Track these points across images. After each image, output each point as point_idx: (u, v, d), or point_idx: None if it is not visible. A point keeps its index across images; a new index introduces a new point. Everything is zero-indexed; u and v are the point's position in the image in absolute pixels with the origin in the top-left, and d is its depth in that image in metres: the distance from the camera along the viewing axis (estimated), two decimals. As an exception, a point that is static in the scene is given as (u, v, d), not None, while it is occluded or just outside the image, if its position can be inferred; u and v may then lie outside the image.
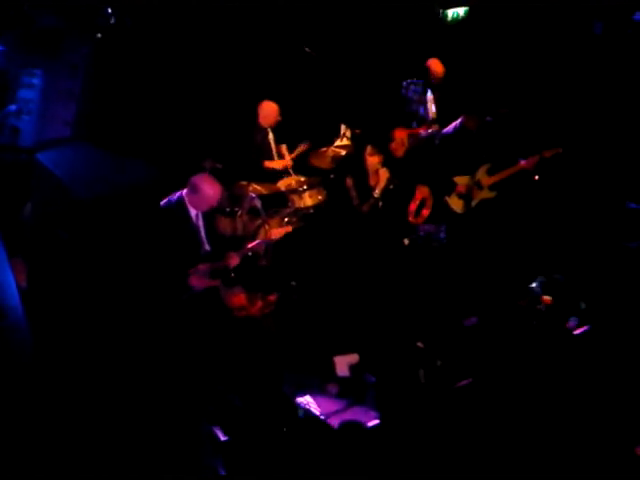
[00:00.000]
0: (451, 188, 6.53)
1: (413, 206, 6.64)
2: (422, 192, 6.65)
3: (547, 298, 5.46)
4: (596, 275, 5.79)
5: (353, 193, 6.59)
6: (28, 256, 5.61)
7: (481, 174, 6.51)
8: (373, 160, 6.58)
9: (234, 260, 5.38)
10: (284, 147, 7.33)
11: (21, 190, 6.62)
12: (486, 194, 6.53)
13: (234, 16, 7.61)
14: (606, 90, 6.72)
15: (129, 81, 7.75)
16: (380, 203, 6.60)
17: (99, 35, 7.65)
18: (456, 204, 6.57)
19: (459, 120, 6.57)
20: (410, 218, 6.64)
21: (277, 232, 5.94)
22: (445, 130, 6.68)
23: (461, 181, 6.52)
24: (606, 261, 5.97)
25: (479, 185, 6.51)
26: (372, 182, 6.62)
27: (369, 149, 6.58)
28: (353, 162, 6.78)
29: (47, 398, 3.76)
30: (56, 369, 4.43)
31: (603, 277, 5.76)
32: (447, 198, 6.56)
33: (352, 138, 7.35)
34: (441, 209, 6.58)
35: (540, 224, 6.52)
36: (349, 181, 6.59)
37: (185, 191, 5.30)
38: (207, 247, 5.40)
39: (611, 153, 6.65)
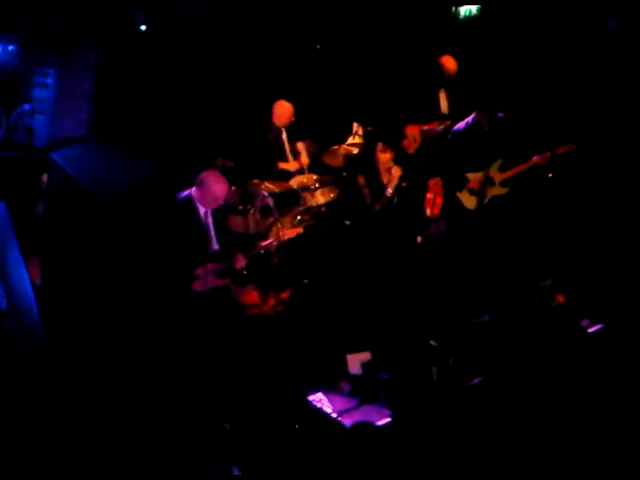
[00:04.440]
0: (463, 184, 6.50)
1: (430, 196, 6.62)
2: (435, 184, 6.64)
3: (561, 297, 5.43)
4: (609, 273, 5.76)
5: (365, 191, 6.58)
6: (42, 254, 5.64)
7: (493, 170, 6.48)
8: (385, 157, 6.56)
9: (241, 262, 5.36)
10: (300, 144, 7.31)
11: (35, 189, 6.67)
12: (498, 190, 6.50)
13: (247, 15, 7.62)
14: (620, 87, 6.67)
15: (142, 80, 7.78)
16: (395, 199, 6.59)
17: (112, 34, 7.68)
18: (468, 200, 6.54)
19: (471, 116, 6.54)
20: (427, 208, 6.62)
21: (289, 233, 5.94)
22: (457, 126, 6.66)
23: (473, 177, 6.49)
24: (619, 259, 5.93)
25: (491, 181, 6.49)
26: (384, 180, 6.61)
27: (380, 146, 6.57)
28: (364, 160, 6.77)
29: (60, 396, 3.78)
30: (70, 367, 4.46)
31: (616, 276, 5.73)
32: (459, 194, 6.54)
33: (364, 136, 7.35)
34: (453, 206, 6.56)
35: (552, 221, 6.48)
36: (361, 179, 6.58)
37: (193, 188, 5.30)
38: (216, 246, 5.40)
39: (624, 151, 6.60)
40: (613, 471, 4.00)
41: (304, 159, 7.23)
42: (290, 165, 7.17)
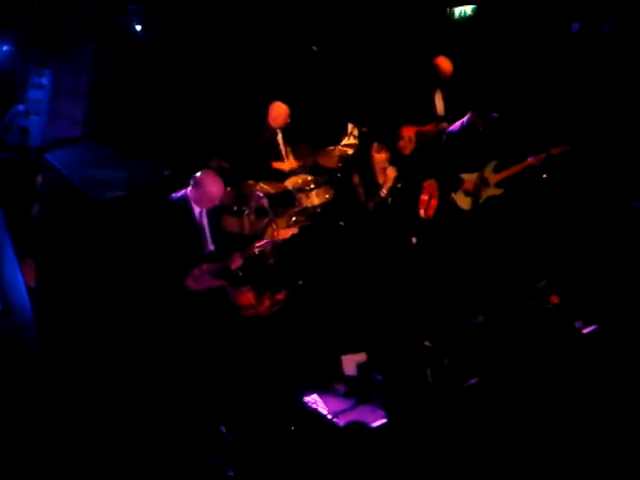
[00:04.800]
0: (457, 185, 6.52)
1: (424, 198, 6.63)
2: (430, 185, 6.65)
3: (555, 297, 5.44)
4: (603, 274, 5.77)
5: (360, 190, 6.58)
6: (37, 256, 5.63)
7: (488, 171, 6.50)
8: (380, 157, 6.57)
9: (237, 262, 5.37)
10: (289, 149, 7.34)
11: (30, 190, 6.65)
12: (493, 191, 6.51)
13: (242, 16, 7.62)
14: (614, 88, 6.69)
15: (137, 81, 7.77)
16: (389, 199, 6.60)
17: (108, 35, 7.68)
18: (463, 201, 6.56)
19: (466, 117, 6.55)
20: (421, 210, 6.63)
21: (284, 233, 5.94)
22: (451, 127, 6.67)
23: (468, 178, 6.50)
24: (613, 260, 5.95)
25: (486, 182, 6.50)
26: (380, 180, 6.62)
27: (375, 146, 6.57)
28: (360, 159, 6.78)
29: (54, 397, 3.78)
30: (64, 369, 4.45)
31: (611, 276, 5.74)
32: (453, 195, 6.55)
33: (359, 136, 7.35)
34: (448, 206, 6.57)
35: (547, 222, 6.50)
36: (356, 178, 6.60)
37: (189, 188, 5.31)
38: (211, 247, 5.40)
39: (619, 151, 6.62)
40: (610, 471, 4.01)
41: (292, 161, 7.26)
42: (284, 165, 7.17)
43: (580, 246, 6.21)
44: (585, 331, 5.13)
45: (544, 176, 6.40)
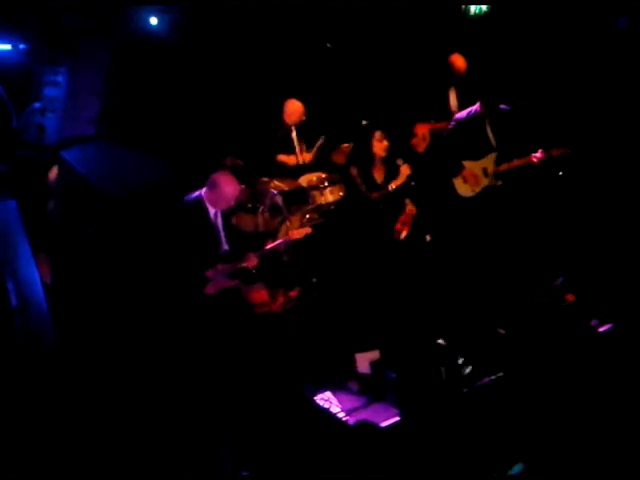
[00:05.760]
0: (457, 170, 6.49)
1: (402, 219, 6.50)
2: (410, 211, 6.52)
3: (570, 296, 5.42)
4: (619, 273, 5.74)
5: (358, 181, 6.45)
6: (53, 253, 5.66)
7: (488, 161, 6.49)
8: (381, 146, 6.38)
9: (252, 261, 5.38)
10: (303, 146, 7.32)
11: (46, 187, 6.69)
12: (491, 182, 6.50)
13: (256, 13, 7.62)
14: (626, 89, 6.66)
15: (152, 79, 7.79)
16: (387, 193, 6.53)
17: (122, 33, 7.70)
18: (461, 187, 6.55)
19: (475, 106, 6.53)
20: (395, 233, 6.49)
21: (298, 232, 5.93)
22: (459, 115, 6.66)
23: (470, 166, 6.49)
24: (629, 259, 5.92)
25: (485, 172, 6.50)
26: (375, 173, 6.47)
27: (377, 134, 6.39)
28: (359, 151, 6.66)
29: (68, 396, 3.80)
30: (79, 366, 4.48)
31: (626, 275, 5.71)
32: (454, 180, 6.52)
33: (360, 130, 7.28)
34: (448, 191, 6.55)
35: (563, 221, 6.48)
36: (353, 170, 6.47)
37: (204, 188, 5.32)
38: (226, 247, 5.42)
39: (625, 152, 6.59)
40: (623, 470, 3.99)
41: (306, 155, 7.23)
42: (288, 159, 7.14)
43: (596, 245, 6.19)
44: (601, 330, 5.10)
45: (560, 173, 6.39)
